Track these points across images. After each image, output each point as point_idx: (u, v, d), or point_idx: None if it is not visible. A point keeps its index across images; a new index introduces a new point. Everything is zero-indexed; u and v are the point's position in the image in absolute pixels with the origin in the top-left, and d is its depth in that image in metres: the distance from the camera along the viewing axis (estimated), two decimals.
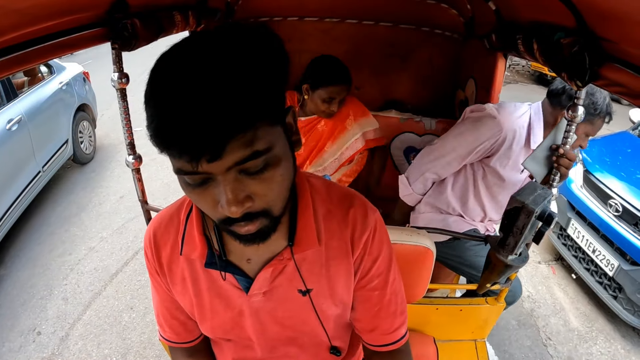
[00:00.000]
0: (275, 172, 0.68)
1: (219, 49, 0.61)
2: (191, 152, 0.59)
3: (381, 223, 0.95)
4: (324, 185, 0.95)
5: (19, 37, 0.96)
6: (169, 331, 1.07)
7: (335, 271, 0.93)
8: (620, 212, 3.31)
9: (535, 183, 1.45)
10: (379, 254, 0.94)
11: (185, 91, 0.57)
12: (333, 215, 0.92)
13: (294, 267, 0.89)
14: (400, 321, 1.01)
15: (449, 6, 2.42)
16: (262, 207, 0.71)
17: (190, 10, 1.75)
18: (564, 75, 1.25)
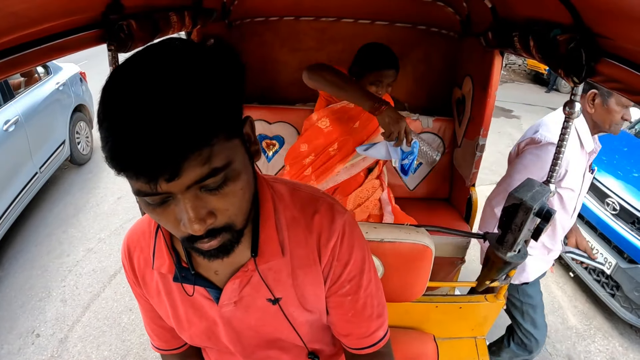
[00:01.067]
0: (235, 187, 0.68)
1: (170, 65, 0.59)
2: (148, 173, 0.58)
3: (351, 226, 0.92)
4: (288, 190, 0.92)
5: (15, 39, 0.96)
6: (157, 340, 1.09)
7: (304, 279, 0.91)
8: (617, 210, 3.32)
9: (534, 180, 1.45)
10: (349, 259, 0.91)
11: (137, 110, 0.56)
12: (297, 222, 0.89)
13: (259, 277, 0.89)
14: (377, 324, 0.99)
15: (444, 4, 2.43)
16: (225, 222, 0.70)
17: (186, 10, 1.75)
18: (561, 72, 1.25)
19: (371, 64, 2.09)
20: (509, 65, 13.46)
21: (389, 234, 1.54)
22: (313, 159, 2.25)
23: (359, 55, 2.17)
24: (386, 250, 1.54)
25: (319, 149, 2.24)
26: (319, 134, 2.22)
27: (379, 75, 2.09)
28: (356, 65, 2.15)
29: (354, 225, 0.93)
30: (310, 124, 2.28)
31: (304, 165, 2.26)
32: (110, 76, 0.61)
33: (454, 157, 2.84)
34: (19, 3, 0.85)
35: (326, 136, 2.21)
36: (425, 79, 2.93)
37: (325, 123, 2.21)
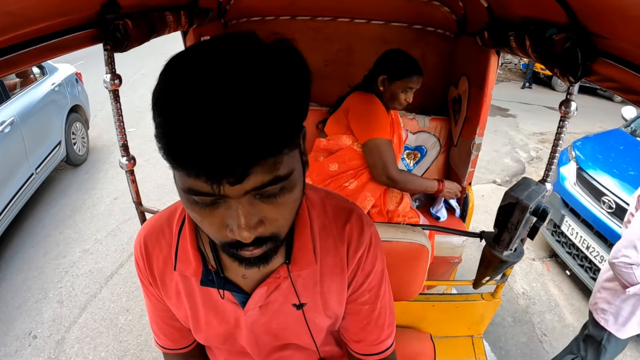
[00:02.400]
0: (289, 197, 0.65)
1: (248, 62, 0.54)
2: (213, 174, 0.54)
3: (376, 238, 0.94)
4: (320, 198, 0.93)
5: (10, 39, 0.95)
6: (164, 338, 1.06)
7: (329, 286, 0.92)
8: (613, 208, 3.33)
9: (530, 179, 1.45)
10: (372, 269, 0.93)
11: (210, 106, 0.51)
12: (329, 230, 0.90)
13: (290, 283, 0.88)
14: (387, 333, 1.01)
15: (440, 4, 2.43)
16: (272, 231, 0.67)
17: (182, 10, 1.75)
18: (557, 71, 1.26)
19: (402, 73, 2.15)
20: (505, 64, 13.50)
21: (385, 233, 1.54)
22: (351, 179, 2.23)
23: (387, 63, 2.20)
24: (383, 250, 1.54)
25: (357, 168, 2.22)
26: (354, 156, 2.21)
27: (410, 82, 2.16)
28: (383, 73, 2.18)
29: (379, 237, 0.95)
30: (339, 146, 2.24)
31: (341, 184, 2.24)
32: (176, 58, 0.57)
33: (450, 156, 2.85)
34: (15, 3, 0.85)
35: (360, 157, 2.20)
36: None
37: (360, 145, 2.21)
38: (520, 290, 3.72)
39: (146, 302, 1.03)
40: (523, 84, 11.98)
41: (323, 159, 2.28)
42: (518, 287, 3.76)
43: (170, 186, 5.03)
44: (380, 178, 2.14)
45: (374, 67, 2.26)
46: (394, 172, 2.11)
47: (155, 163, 5.55)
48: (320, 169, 2.25)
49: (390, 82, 2.16)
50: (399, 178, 2.14)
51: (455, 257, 2.54)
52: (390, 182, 2.14)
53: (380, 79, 2.18)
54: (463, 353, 1.94)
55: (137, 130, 6.62)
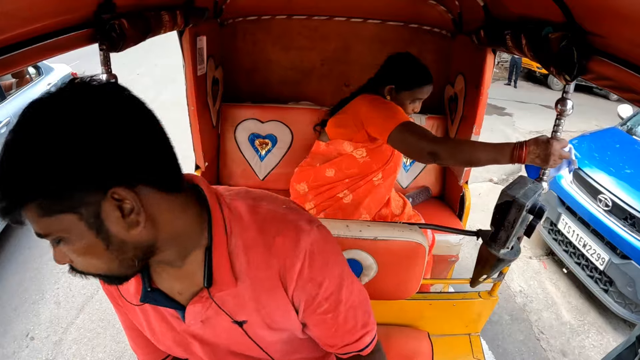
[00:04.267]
0: (70, 248, 0.68)
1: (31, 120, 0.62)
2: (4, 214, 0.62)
3: (320, 243, 0.86)
4: (248, 209, 0.87)
5: (6, 39, 0.95)
6: (142, 353, 1.11)
7: (269, 302, 0.88)
8: (610, 206, 3.34)
9: (526, 177, 1.46)
10: (323, 278, 0.86)
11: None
12: (257, 244, 0.84)
13: (220, 301, 0.87)
14: (362, 333, 0.97)
15: (436, 2, 2.43)
16: (80, 269, 0.72)
17: (178, 10, 1.75)
18: (553, 70, 1.26)
19: (411, 83, 1.99)
20: (501, 63, 13.51)
21: (382, 232, 1.54)
22: (346, 191, 2.11)
23: (394, 70, 2.03)
24: (379, 249, 1.55)
25: (354, 177, 2.09)
26: (352, 164, 2.06)
27: (419, 93, 2.01)
28: (390, 82, 2.00)
29: (325, 241, 0.88)
30: (339, 152, 2.09)
31: (335, 193, 2.12)
32: None
33: None
34: (10, 3, 0.85)
35: (362, 166, 2.06)
36: None
37: (362, 153, 2.05)
38: (517, 288, 3.73)
39: (119, 318, 1.07)
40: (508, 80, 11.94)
41: (320, 165, 2.14)
42: (515, 285, 3.77)
43: None
44: (423, 158, 1.77)
45: (380, 72, 2.10)
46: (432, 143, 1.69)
47: None
48: (316, 175, 2.13)
49: (398, 92, 1.99)
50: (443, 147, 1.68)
51: (453, 255, 2.55)
52: (434, 157, 1.68)
53: (387, 89, 2.01)
54: (461, 351, 1.94)
55: None
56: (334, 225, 1.56)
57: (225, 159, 2.87)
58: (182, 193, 0.78)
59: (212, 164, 2.76)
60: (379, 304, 1.85)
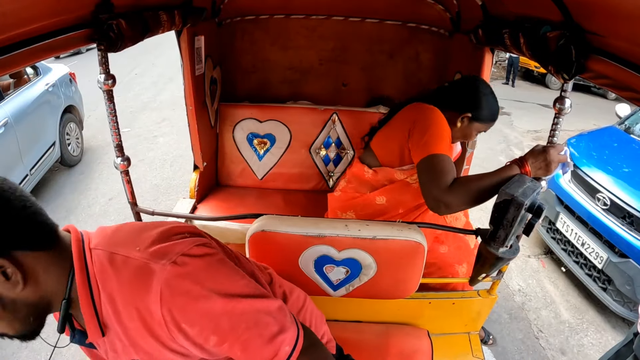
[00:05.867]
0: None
1: None
2: None
3: (175, 282, 0.81)
4: (107, 258, 0.85)
5: (5, 39, 0.95)
6: None
7: (150, 348, 0.87)
8: (608, 205, 3.34)
9: (525, 176, 1.46)
10: (192, 317, 0.82)
11: None
12: (118, 295, 0.84)
13: (110, 345, 0.93)
14: (274, 347, 0.90)
15: (435, 1, 2.43)
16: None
17: (176, 10, 1.75)
18: (551, 69, 1.26)
19: (490, 116, 1.86)
20: (499, 62, 13.52)
21: (381, 231, 1.54)
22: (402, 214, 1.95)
23: (476, 99, 1.82)
24: (379, 248, 1.55)
25: (407, 205, 1.93)
26: (405, 190, 1.90)
27: (489, 126, 1.90)
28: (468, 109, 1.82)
29: (180, 277, 0.82)
30: (390, 180, 1.92)
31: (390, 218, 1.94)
32: None
33: None
34: (8, 3, 0.85)
35: (414, 192, 1.88)
36: (415, 76, 2.94)
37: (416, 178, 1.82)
38: (516, 287, 3.73)
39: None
40: (506, 79, 11.95)
41: (369, 192, 1.96)
42: (514, 284, 3.77)
43: (165, 186, 5.03)
44: (428, 201, 1.59)
45: (455, 92, 1.88)
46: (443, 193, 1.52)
47: (150, 163, 5.54)
48: (365, 202, 1.96)
49: (472, 122, 1.84)
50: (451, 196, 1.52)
51: None
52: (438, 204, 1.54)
53: (464, 116, 1.82)
54: (460, 349, 1.95)
55: (132, 130, 6.60)
56: (333, 225, 1.56)
57: (223, 159, 2.86)
58: (58, 247, 0.86)
59: (211, 163, 2.76)
60: (379, 302, 1.86)
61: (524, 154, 1.53)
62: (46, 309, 0.85)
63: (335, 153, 2.89)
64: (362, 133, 2.82)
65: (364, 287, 1.66)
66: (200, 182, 2.57)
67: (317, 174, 2.92)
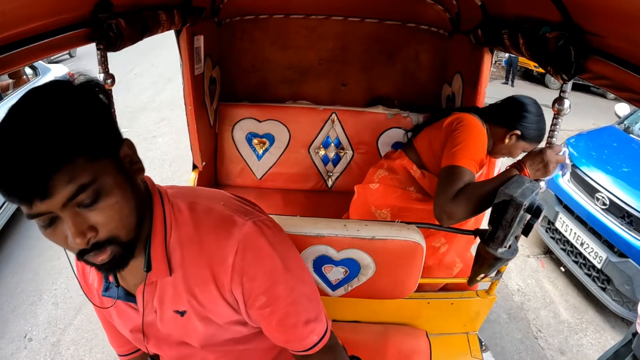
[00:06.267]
0: (109, 201, 0.73)
1: (35, 103, 0.68)
2: (22, 195, 0.66)
3: (253, 236, 0.89)
4: (188, 205, 0.92)
5: (3, 39, 0.95)
6: (115, 344, 1.21)
7: (202, 297, 0.92)
8: (607, 205, 3.35)
9: (523, 176, 1.46)
10: (256, 272, 0.89)
11: (7, 140, 0.65)
12: (192, 241, 0.90)
13: (161, 290, 0.93)
14: (307, 330, 0.97)
15: (434, 2, 2.43)
16: (107, 235, 0.75)
17: (175, 9, 1.74)
18: (550, 69, 1.26)
19: (537, 138, 1.85)
20: (498, 62, 13.53)
21: (380, 232, 1.54)
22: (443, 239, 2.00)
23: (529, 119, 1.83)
24: (377, 248, 1.55)
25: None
26: None
27: (533, 147, 1.83)
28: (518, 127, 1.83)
29: (256, 235, 0.90)
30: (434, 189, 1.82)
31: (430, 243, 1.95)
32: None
33: None
34: (7, 2, 0.85)
35: None
36: (415, 76, 2.93)
37: None
38: (515, 287, 3.74)
39: (98, 316, 1.18)
40: (505, 79, 11.96)
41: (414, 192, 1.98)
42: (513, 284, 3.78)
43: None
44: (434, 211, 1.60)
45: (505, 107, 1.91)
46: (447, 201, 1.55)
47: (149, 163, 5.53)
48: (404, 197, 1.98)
49: (519, 139, 1.85)
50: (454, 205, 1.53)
51: None
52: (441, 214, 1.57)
53: (512, 133, 1.84)
54: (459, 350, 1.95)
55: (131, 130, 6.59)
56: (331, 225, 1.56)
57: (222, 159, 2.86)
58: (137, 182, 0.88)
59: (210, 163, 2.76)
60: (377, 302, 1.86)
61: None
62: (141, 224, 0.86)
63: (334, 153, 2.89)
64: (361, 133, 2.84)
65: (363, 287, 1.66)
66: (199, 181, 2.57)
67: (316, 173, 2.92)
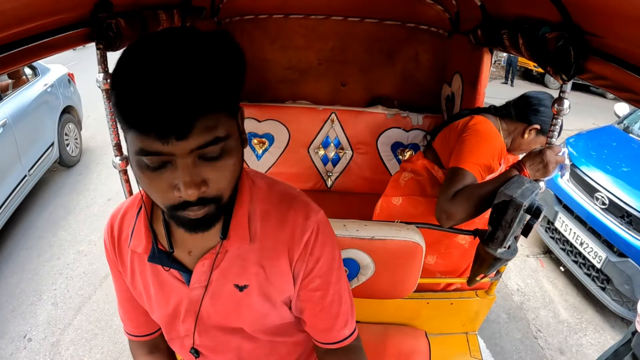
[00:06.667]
0: (229, 161, 0.73)
1: (187, 42, 0.66)
2: (162, 128, 0.63)
3: (325, 224, 0.96)
4: (266, 185, 0.96)
5: (2, 38, 0.95)
6: (130, 324, 1.12)
7: (272, 272, 0.93)
8: (606, 205, 3.35)
9: (523, 177, 1.46)
10: (320, 255, 0.94)
11: (156, 73, 0.61)
12: (270, 215, 0.92)
13: (228, 261, 0.91)
14: (343, 322, 1.02)
15: (434, 2, 2.43)
16: (215, 193, 0.74)
17: (175, 9, 1.74)
18: (550, 69, 1.26)
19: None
20: (498, 62, 13.53)
21: (379, 232, 1.54)
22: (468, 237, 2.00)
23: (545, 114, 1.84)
24: (377, 248, 1.55)
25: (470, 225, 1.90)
26: None
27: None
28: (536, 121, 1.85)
29: (327, 224, 0.97)
30: None
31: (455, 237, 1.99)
32: (128, 47, 0.67)
33: None
34: (7, 2, 0.84)
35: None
36: (414, 76, 2.93)
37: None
38: (514, 286, 3.74)
39: (115, 285, 1.08)
40: (505, 79, 11.96)
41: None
42: (512, 283, 3.78)
43: None
44: (435, 212, 1.64)
45: (524, 103, 1.92)
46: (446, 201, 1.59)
47: None
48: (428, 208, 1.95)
49: (538, 134, 1.87)
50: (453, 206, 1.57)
51: None
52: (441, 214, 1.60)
53: (531, 128, 1.86)
54: (458, 350, 1.95)
55: None
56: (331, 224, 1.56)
57: None
58: None
59: None
60: (377, 302, 1.86)
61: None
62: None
63: (334, 153, 2.89)
64: (361, 133, 2.84)
65: (362, 287, 1.66)
66: None
67: (316, 173, 2.92)
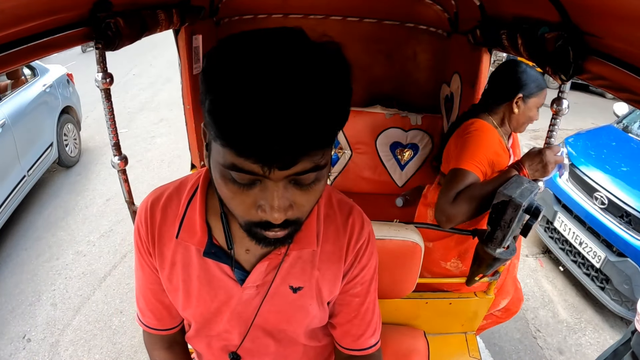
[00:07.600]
0: (319, 186, 0.69)
1: (306, 57, 0.58)
2: (265, 158, 0.58)
3: (373, 235, 0.99)
4: (326, 190, 0.97)
5: (1, 38, 0.94)
6: (150, 316, 1.03)
7: (325, 274, 0.95)
8: (605, 204, 3.35)
9: (522, 177, 1.46)
10: (367, 263, 0.98)
11: (270, 97, 0.54)
12: (332, 220, 0.95)
13: (289, 263, 0.91)
14: (372, 330, 1.05)
15: (433, 2, 2.43)
16: (298, 216, 0.71)
17: (174, 8, 1.74)
18: (548, 69, 1.27)
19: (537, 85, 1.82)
20: (497, 62, 13.53)
21: (378, 231, 1.54)
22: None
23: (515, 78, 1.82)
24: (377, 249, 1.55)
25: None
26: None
27: (544, 97, 1.86)
28: (515, 91, 1.82)
29: (374, 235, 1.00)
30: None
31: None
32: (237, 42, 0.60)
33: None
34: (6, 1, 0.84)
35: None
36: (413, 76, 2.94)
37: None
38: None
39: (138, 274, 1.00)
40: None
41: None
42: None
43: None
44: (435, 214, 1.66)
45: (495, 85, 1.91)
46: (447, 204, 1.60)
47: (148, 163, 5.54)
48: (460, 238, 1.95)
49: (525, 100, 1.82)
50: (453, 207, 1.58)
51: None
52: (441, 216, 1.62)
53: (516, 99, 1.81)
54: (457, 350, 1.95)
55: (129, 131, 6.59)
56: None
57: None
58: None
59: None
60: None
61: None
62: None
63: (333, 153, 2.89)
64: (360, 133, 2.84)
65: None
66: None
67: None
